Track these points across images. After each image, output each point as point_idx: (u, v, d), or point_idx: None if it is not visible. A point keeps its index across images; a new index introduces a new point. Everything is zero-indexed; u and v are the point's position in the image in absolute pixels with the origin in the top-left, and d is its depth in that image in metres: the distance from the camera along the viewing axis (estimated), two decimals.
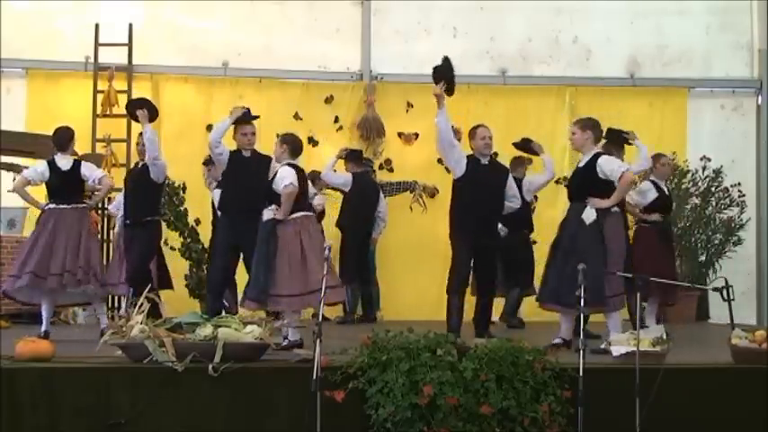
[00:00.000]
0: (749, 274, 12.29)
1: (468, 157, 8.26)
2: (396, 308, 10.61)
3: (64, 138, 8.53)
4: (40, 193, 10.11)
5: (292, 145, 7.74)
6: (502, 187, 8.33)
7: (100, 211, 10.63)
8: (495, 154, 11.92)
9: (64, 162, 8.44)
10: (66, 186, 8.43)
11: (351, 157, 10.80)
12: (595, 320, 8.01)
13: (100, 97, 11.62)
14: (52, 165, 8.42)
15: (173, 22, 12.18)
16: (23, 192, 8.53)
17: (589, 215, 7.52)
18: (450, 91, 8.11)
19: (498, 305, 9.65)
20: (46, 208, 8.46)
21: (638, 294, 7.00)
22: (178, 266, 10.42)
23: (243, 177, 8.23)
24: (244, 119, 8.24)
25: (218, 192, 8.88)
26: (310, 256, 7.31)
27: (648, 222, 9.11)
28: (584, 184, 7.63)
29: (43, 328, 8.20)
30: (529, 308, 10.03)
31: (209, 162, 9.49)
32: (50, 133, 8.62)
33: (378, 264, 11.34)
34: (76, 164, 8.51)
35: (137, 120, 8.97)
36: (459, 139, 12.32)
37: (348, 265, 10.36)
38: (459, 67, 12.37)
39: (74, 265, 8.24)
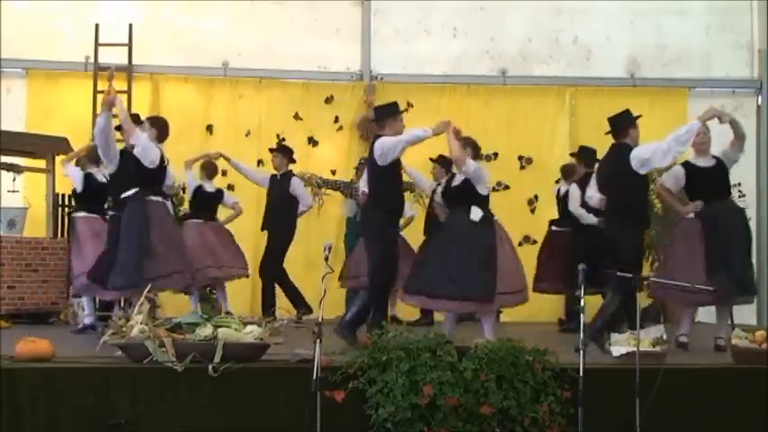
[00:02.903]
0: None
1: None
2: (395, 308, 10.59)
3: None
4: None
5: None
6: None
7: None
8: (496, 154, 12.05)
9: None
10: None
11: None
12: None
13: (100, 97, 11.57)
14: None
15: (173, 22, 12.18)
16: None
17: None
18: None
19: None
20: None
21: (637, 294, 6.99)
22: None
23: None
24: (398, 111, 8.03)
25: None
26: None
27: None
28: None
29: None
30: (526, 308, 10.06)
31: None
32: (50, 133, 8.53)
33: None
34: None
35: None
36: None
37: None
38: (460, 67, 12.52)
39: None
